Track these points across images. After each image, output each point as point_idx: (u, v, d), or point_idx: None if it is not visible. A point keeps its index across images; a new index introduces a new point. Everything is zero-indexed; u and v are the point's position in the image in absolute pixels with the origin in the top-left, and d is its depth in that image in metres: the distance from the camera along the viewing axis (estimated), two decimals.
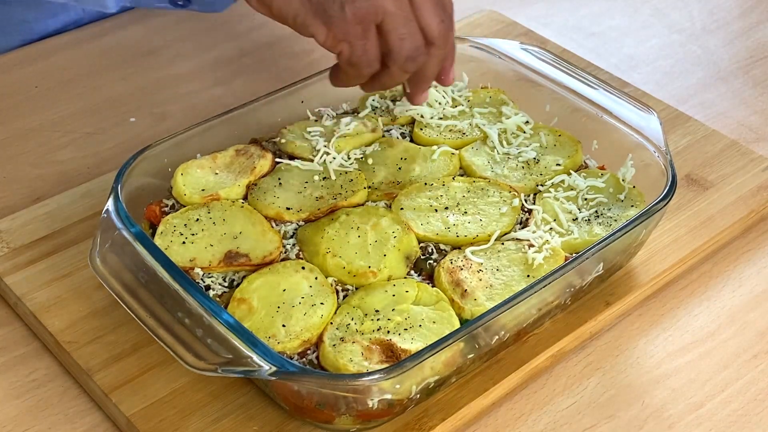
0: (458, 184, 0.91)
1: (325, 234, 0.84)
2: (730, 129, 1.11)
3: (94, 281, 0.87)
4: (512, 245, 0.85)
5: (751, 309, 0.91)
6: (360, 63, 0.83)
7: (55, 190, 0.99)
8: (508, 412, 0.82)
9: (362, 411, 0.74)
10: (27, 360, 0.84)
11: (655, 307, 0.91)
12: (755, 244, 0.97)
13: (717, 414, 0.82)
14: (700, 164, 1.03)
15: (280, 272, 0.81)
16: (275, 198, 0.88)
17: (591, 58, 1.19)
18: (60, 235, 0.93)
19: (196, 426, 0.78)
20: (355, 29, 0.81)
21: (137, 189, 0.85)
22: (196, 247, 0.83)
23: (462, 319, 0.80)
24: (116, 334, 0.84)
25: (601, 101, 0.96)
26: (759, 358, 0.86)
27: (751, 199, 0.99)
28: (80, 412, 0.81)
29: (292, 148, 0.94)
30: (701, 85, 1.20)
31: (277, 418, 0.78)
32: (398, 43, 0.83)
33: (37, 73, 1.16)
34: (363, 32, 0.81)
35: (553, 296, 0.82)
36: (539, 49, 1.02)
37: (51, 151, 1.05)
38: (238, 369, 0.70)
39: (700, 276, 0.94)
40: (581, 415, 0.81)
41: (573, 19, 1.32)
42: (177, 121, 1.09)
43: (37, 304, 0.86)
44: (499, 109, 1.00)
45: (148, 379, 0.81)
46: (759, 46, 1.27)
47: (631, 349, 0.87)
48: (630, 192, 0.91)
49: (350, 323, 0.78)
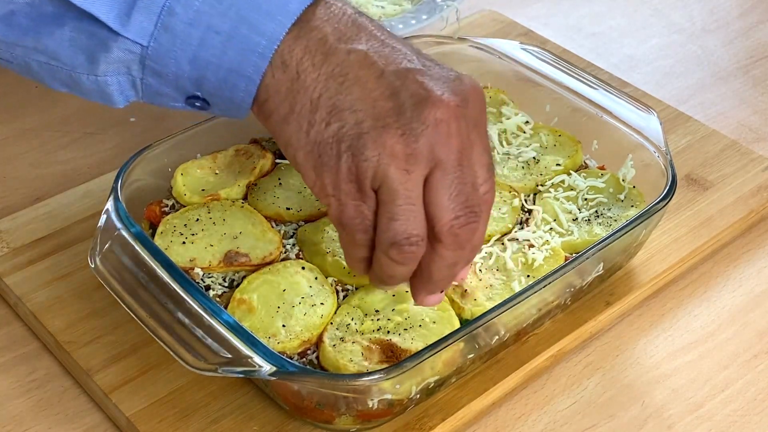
0: None
1: (325, 234, 0.84)
2: (730, 129, 1.11)
3: (94, 281, 0.87)
4: (512, 245, 0.85)
5: (751, 309, 0.91)
6: (351, 226, 0.68)
7: (55, 190, 0.99)
8: (508, 412, 0.82)
9: (362, 411, 0.74)
10: (27, 360, 0.84)
11: (655, 307, 0.91)
12: (755, 244, 0.97)
13: (717, 414, 0.82)
14: (700, 164, 1.03)
15: (280, 272, 0.81)
16: (275, 198, 0.88)
17: (591, 58, 1.20)
18: (60, 235, 0.93)
19: (196, 426, 0.78)
20: (347, 186, 0.66)
21: (137, 189, 0.85)
22: (196, 247, 0.83)
23: (462, 319, 0.80)
24: (116, 334, 0.84)
25: (601, 101, 0.96)
26: (759, 358, 0.86)
27: (751, 199, 0.99)
28: (80, 412, 0.81)
29: None
30: (701, 85, 1.20)
31: (277, 418, 0.78)
32: (385, 223, 0.67)
33: None
34: (358, 192, 0.67)
35: (553, 296, 0.82)
36: (539, 49, 1.02)
37: (51, 151, 1.05)
38: (238, 369, 0.70)
39: (700, 276, 0.94)
40: (581, 415, 0.81)
41: (573, 19, 1.32)
42: (177, 121, 1.08)
43: (37, 304, 0.86)
44: (499, 109, 1.00)
45: (148, 379, 0.81)
46: (759, 46, 1.27)
47: (631, 349, 0.87)
48: (630, 192, 0.91)
49: (350, 323, 0.78)
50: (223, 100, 0.69)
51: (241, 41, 0.65)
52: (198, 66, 0.66)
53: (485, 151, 0.69)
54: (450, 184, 0.67)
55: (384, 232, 0.67)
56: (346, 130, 0.66)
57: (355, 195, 0.67)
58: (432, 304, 0.74)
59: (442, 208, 0.67)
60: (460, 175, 0.67)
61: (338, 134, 0.66)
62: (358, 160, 0.65)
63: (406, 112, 0.65)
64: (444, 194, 0.66)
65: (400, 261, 0.68)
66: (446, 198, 0.66)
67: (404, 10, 1.12)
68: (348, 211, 0.67)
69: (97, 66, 0.67)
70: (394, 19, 1.10)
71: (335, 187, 0.67)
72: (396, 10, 1.11)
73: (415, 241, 0.67)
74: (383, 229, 0.67)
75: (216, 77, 0.67)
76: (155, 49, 0.66)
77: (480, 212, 0.68)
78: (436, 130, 0.65)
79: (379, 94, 0.66)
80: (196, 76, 0.67)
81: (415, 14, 1.10)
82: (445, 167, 0.66)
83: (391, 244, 0.67)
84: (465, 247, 0.69)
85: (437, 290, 0.72)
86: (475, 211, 0.68)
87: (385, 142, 0.65)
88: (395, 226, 0.66)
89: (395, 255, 0.67)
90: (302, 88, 0.67)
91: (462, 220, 0.67)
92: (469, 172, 0.67)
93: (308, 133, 0.67)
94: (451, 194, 0.67)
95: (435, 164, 0.66)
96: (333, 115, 0.66)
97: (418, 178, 0.66)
